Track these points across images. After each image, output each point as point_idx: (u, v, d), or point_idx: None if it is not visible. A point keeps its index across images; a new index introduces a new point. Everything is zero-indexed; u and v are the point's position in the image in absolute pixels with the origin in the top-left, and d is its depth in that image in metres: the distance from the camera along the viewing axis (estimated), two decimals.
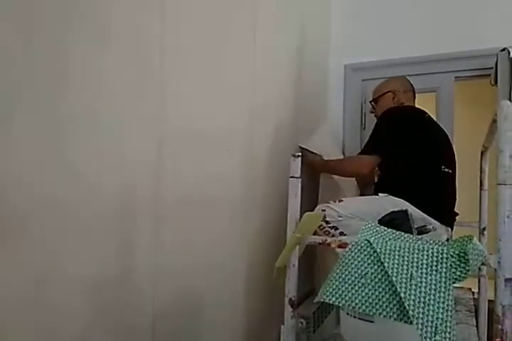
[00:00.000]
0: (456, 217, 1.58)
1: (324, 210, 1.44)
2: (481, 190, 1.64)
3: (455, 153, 1.68)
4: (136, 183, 0.90)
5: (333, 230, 1.43)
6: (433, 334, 0.83)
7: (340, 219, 1.41)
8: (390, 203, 1.43)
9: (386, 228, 1.14)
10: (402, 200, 1.44)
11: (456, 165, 1.65)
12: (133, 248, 0.89)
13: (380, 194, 1.50)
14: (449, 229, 1.50)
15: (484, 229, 1.61)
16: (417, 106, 1.80)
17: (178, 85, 1.02)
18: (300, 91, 1.78)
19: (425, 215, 1.43)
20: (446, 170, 1.55)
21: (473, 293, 1.65)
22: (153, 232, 0.94)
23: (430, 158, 1.54)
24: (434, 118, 1.80)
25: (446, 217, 1.52)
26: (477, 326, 1.30)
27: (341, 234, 1.43)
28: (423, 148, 1.54)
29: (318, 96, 2.11)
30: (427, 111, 1.71)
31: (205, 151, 1.12)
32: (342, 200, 1.48)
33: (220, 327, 1.20)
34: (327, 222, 1.43)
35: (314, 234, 1.12)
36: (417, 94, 1.84)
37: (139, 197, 0.90)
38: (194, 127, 1.08)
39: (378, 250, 0.97)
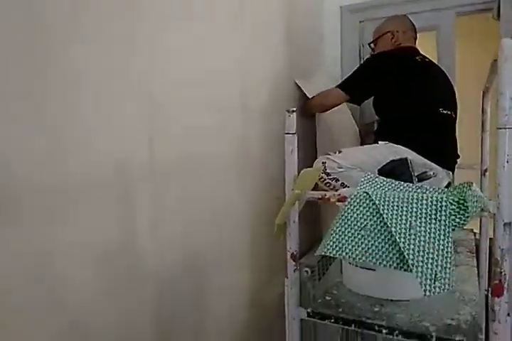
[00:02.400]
0: (458, 160, 1.57)
1: (324, 162, 1.43)
2: (482, 131, 1.61)
3: (456, 94, 1.63)
4: (130, 147, 0.88)
5: (334, 182, 1.44)
6: (432, 281, 0.85)
7: (340, 170, 1.41)
8: (390, 151, 1.42)
9: (385, 179, 1.14)
10: (402, 147, 1.42)
11: (458, 107, 1.61)
12: (134, 212, 0.90)
13: (379, 142, 1.48)
14: (450, 173, 1.50)
15: (486, 171, 1.60)
16: (417, 46, 1.73)
17: (166, 39, 0.96)
18: (293, 38, 1.70)
19: (426, 160, 1.42)
20: (444, 111, 1.52)
21: (474, 233, 1.68)
22: (152, 194, 0.94)
23: (425, 100, 1.51)
24: (435, 59, 1.74)
25: (447, 160, 1.51)
26: (478, 266, 1.34)
27: (342, 185, 1.43)
28: (415, 91, 1.51)
29: (313, 42, 2.01)
30: (423, 52, 1.65)
31: (196, 116, 1.09)
32: (341, 151, 1.47)
33: (225, 285, 1.24)
34: (328, 174, 1.43)
35: (314, 188, 1.11)
36: (419, 33, 1.76)
37: (135, 161, 0.89)
38: (184, 80, 1.04)
39: (377, 202, 0.97)
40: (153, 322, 0.97)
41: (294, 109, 1.09)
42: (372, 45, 1.83)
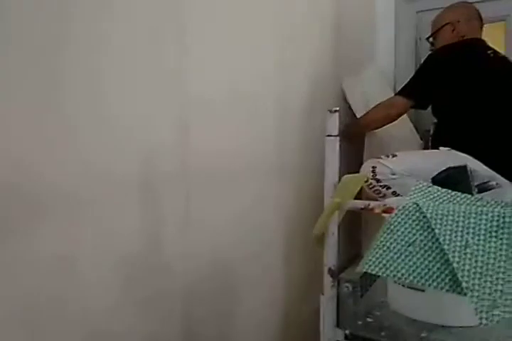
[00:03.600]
0: None
1: (375, 167, 1.36)
2: None
3: None
4: (160, 153, 0.88)
5: (384, 189, 1.36)
6: (490, 308, 0.79)
7: (393, 177, 1.33)
8: (452, 159, 1.32)
9: (440, 188, 1.07)
10: (467, 156, 1.32)
11: None
12: (160, 222, 0.89)
13: (441, 148, 1.39)
14: None
15: None
16: (484, 37, 1.61)
17: (199, 37, 0.96)
18: (342, 31, 1.65)
19: (492, 172, 1.31)
20: None
21: None
22: (180, 204, 0.94)
23: (500, 104, 1.39)
24: (503, 53, 1.62)
25: None
26: None
27: (394, 193, 1.36)
28: (488, 92, 1.40)
29: (364, 34, 1.95)
30: (492, 46, 1.53)
31: (231, 111, 1.08)
32: (396, 155, 1.38)
33: (257, 301, 1.22)
34: (378, 181, 1.36)
35: (357, 197, 1.07)
36: (484, 25, 1.64)
37: (163, 168, 0.89)
38: (218, 87, 1.03)
39: (429, 215, 0.91)
40: (179, 335, 0.96)
41: (337, 108, 1.05)
42: (430, 39, 1.71)
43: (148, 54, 0.84)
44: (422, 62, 1.56)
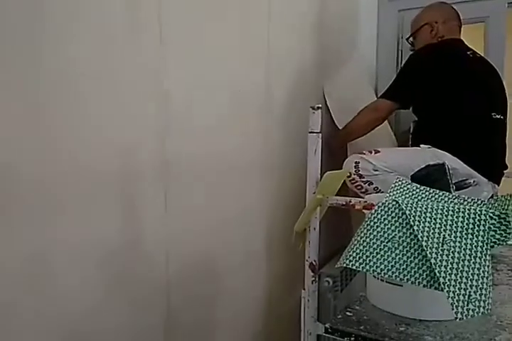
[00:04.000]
0: (505, 170, 1.50)
1: (358, 162, 1.38)
2: None
3: (507, 94, 1.56)
4: (140, 142, 0.88)
5: (366, 185, 1.39)
6: (465, 303, 0.81)
7: (375, 173, 1.35)
8: (433, 156, 1.34)
9: (418, 185, 1.10)
10: (446, 153, 1.35)
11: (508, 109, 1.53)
12: (140, 213, 0.89)
13: (421, 145, 1.42)
14: (496, 186, 1.43)
15: None
16: (462, 38, 1.64)
17: (179, 27, 0.95)
18: (325, 28, 1.66)
19: (472, 170, 1.34)
20: (497, 116, 1.44)
21: None
22: (160, 195, 0.93)
23: (478, 103, 1.42)
24: (482, 54, 1.65)
25: (495, 171, 1.44)
26: None
27: (376, 189, 1.39)
28: (467, 92, 1.43)
29: (347, 32, 1.96)
30: (471, 46, 1.56)
31: (213, 102, 1.08)
32: (379, 151, 1.40)
33: (239, 292, 1.23)
34: (360, 176, 1.38)
35: (339, 192, 1.08)
36: (463, 26, 1.66)
37: (143, 157, 0.89)
38: (201, 76, 1.03)
39: (408, 212, 0.93)
40: (160, 330, 0.96)
41: (319, 105, 1.06)
42: (410, 39, 1.74)
43: (127, 51, 0.83)
44: (403, 63, 1.58)
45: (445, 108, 1.44)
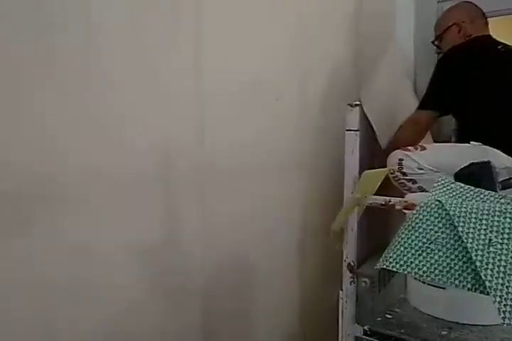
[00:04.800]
0: None
1: (402, 160, 1.34)
2: None
3: None
4: (176, 151, 0.89)
5: (410, 183, 1.34)
6: None
7: (420, 172, 1.31)
8: (484, 154, 1.28)
9: (463, 185, 1.06)
10: (498, 151, 1.29)
11: None
12: (180, 221, 0.90)
13: (471, 142, 1.37)
14: None
15: None
16: (498, 31, 1.58)
17: (215, 33, 0.95)
18: (361, 22, 1.63)
19: None
20: None
21: None
22: (198, 199, 0.94)
23: None
24: None
25: None
26: None
27: (420, 188, 1.34)
28: (502, 87, 1.37)
29: (384, 24, 1.91)
30: (503, 39, 1.51)
31: (251, 108, 1.08)
32: (425, 148, 1.36)
33: (274, 296, 1.23)
34: (404, 174, 1.34)
35: (378, 192, 1.06)
36: (506, 16, 1.61)
37: (180, 165, 0.90)
38: (237, 82, 1.03)
39: (451, 212, 0.90)
40: (198, 331, 0.98)
41: (358, 102, 1.04)
42: (436, 42, 1.71)
43: (163, 50, 0.84)
44: (434, 68, 1.53)
45: (485, 105, 1.39)
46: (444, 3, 2.01)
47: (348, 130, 1.04)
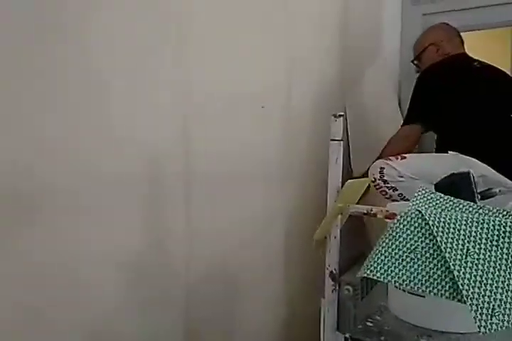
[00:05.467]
0: None
1: (383, 168, 1.38)
2: None
3: None
4: (163, 156, 0.90)
5: (391, 191, 1.38)
6: (489, 317, 0.80)
7: (400, 179, 1.35)
8: (462, 163, 1.33)
9: (442, 195, 1.09)
10: (476, 160, 1.34)
11: None
12: (162, 224, 0.91)
13: (450, 152, 1.41)
14: None
15: None
16: (486, 43, 1.65)
17: (200, 40, 0.97)
18: (347, 34, 1.66)
19: (501, 177, 1.33)
20: None
21: None
22: (183, 207, 0.95)
23: (491, 106, 1.44)
24: (508, 59, 1.65)
25: None
26: None
27: (400, 196, 1.38)
28: (477, 98, 1.44)
29: (370, 37, 1.96)
30: (491, 51, 1.58)
31: (236, 117, 1.09)
32: (405, 157, 1.40)
33: (259, 302, 1.24)
34: (385, 182, 1.37)
35: (359, 202, 1.08)
36: (491, 30, 1.70)
37: (166, 171, 0.91)
38: (223, 91, 1.04)
39: (431, 222, 0.92)
40: (181, 336, 0.98)
41: (342, 113, 1.06)
42: (415, 62, 1.78)
43: (152, 58, 0.86)
44: (414, 85, 1.59)
45: (461, 118, 1.46)
46: (429, 16, 2.06)
47: (332, 140, 1.06)
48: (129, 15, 0.81)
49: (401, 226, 0.95)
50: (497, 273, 0.84)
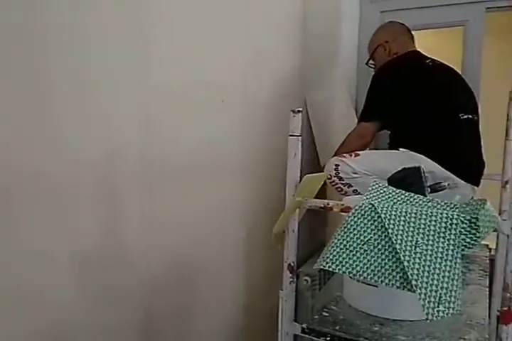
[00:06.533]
0: (484, 169, 1.54)
1: (338, 165, 1.41)
2: (506, 139, 1.58)
3: (476, 96, 1.61)
4: (121, 148, 0.89)
5: (346, 187, 1.42)
6: (436, 305, 0.85)
7: (355, 176, 1.39)
8: (410, 160, 1.38)
9: (394, 189, 1.13)
10: (423, 157, 1.39)
11: (483, 110, 1.58)
12: (121, 219, 0.90)
13: (400, 149, 1.46)
14: (475, 188, 1.48)
15: (507, 182, 1.57)
16: (441, 41, 1.70)
17: (160, 39, 0.96)
18: (307, 32, 1.68)
19: (449, 173, 1.39)
20: (465, 116, 1.49)
21: (490, 249, 1.67)
22: (142, 202, 0.95)
23: (443, 106, 1.48)
24: (459, 57, 1.71)
25: (472, 172, 1.48)
26: (490, 287, 1.33)
27: (355, 192, 1.42)
28: (429, 97, 1.49)
29: (328, 34, 1.98)
30: (447, 49, 1.62)
31: (196, 110, 1.09)
32: (359, 154, 1.44)
33: (217, 296, 1.25)
34: (340, 179, 1.41)
35: (318, 195, 1.11)
36: (442, 29, 1.74)
37: (124, 164, 0.90)
38: (182, 84, 1.04)
39: (383, 215, 0.96)
40: (137, 329, 0.98)
41: (300, 109, 1.08)
42: (370, 63, 1.83)
43: (106, 45, 0.84)
44: (369, 84, 1.63)
45: (413, 116, 1.50)
46: (386, 13, 2.12)
47: (290, 135, 1.08)
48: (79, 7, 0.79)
49: (355, 219, 0.98)
50: (444, 263, 0.88)
